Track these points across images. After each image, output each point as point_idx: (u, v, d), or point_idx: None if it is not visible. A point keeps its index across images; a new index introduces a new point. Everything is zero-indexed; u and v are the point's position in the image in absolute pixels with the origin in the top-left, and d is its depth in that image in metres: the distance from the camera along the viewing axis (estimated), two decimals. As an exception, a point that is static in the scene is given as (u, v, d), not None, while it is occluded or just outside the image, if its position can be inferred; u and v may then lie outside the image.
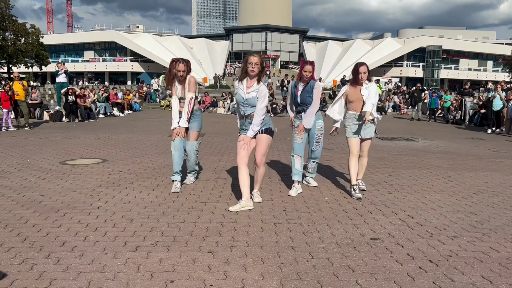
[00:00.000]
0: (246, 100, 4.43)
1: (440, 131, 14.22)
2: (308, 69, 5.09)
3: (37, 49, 50.10)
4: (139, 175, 6.02)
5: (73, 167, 6.61)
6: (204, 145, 9.27)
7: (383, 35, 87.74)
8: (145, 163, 7.04)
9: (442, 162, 7.60)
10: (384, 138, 11.13)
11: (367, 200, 4.80)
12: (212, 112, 21.81)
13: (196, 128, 5.44)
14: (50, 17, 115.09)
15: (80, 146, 8.84)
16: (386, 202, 4.74)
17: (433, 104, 18.36)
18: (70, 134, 11.07)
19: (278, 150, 8.62)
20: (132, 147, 8.87)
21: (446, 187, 5.59)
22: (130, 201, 4.66)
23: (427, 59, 60.78)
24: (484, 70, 67.69)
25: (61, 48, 68.48)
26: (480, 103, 16.31)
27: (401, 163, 7.40)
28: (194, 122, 5.38)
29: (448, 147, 9.91)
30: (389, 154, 8.49)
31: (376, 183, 5.73)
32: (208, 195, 4.91)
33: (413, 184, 5.74)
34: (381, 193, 5.18)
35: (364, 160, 5.35)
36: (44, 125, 13.34)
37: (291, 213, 4.23)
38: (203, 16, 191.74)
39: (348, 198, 4.87)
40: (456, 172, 6.71)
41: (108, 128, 12.67)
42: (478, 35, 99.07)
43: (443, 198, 5.01)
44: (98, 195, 4.90)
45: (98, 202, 4.60)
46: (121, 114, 18.20)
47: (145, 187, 5.31)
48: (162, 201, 4.66)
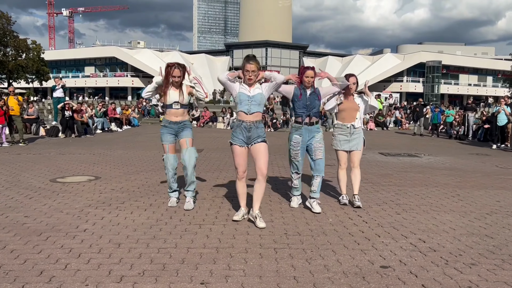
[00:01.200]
0: (253, 97, 4.30)
1: (444, 146, 13.93)
2: (310, 74, 4.81)
3: (38, 64, 50.28)
4: (131, 194, 5.71)
5: (63, 185, 6.31)
6: (202, 161, 8.96)
7: (383, 51, 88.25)
8: (140, 180, 6.73)
9: (449, 180, 7.28)
10: (388, 154, 10.83)
11: (374, 222, 4.48)
12: (212, 127, 21.57)
13: (190, 135, 5.10)
14: (52, 33, 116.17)
15: (74, 163, 8.55)
16: (395, 224, 4.41)
17: (436, 119, 18.11)
18: (64, 150, 10.78)
19: (278, 167, 8.31)
20: (127, 163, 8.57)
21: (457, 207, 5.27)
22: (119, 222, 4.34)
23: (427, 74, 60.90)
24: (484, 86, 67.81)
25: (62, 63, 68.75)
26: (484, 118, 16.07)
27: (407, 181, 7.09)
28: (186, 130, 5.06)
29: (454, 163, 9.60)
30: (393, 170, 8.18)
31: (382, 202, 5.41)
32: (203, 216, 4.59)
33: (422, 203, 5.42)
34: (389, 213, 4.86)
35: (356, 171, 5.27)
36: (40, 141, 13.07)
37: (293, 237, 3.90)
38: (204, 33, 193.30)
39: (354, 220, 4.55)
40: (465, 190, 6.39)
41: (105, 144, 12.39)
42: (477, 50, 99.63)
43: (455, 219, 4.69)
44: (86, 216, 4.59)
45: (85, 224, 4.28)
46: (119, 129, 17.95)
47: (137, 207, 5.00)
48: (153, 222, 4.34)
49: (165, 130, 5.06)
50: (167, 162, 5.07)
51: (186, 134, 5.05)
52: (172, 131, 5.06)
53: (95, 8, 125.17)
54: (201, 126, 21.66)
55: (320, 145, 4.91)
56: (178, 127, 5.05)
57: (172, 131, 5.06)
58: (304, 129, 4.87)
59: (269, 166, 4.71)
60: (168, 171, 5.09)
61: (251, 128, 4.30)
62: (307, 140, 4.89)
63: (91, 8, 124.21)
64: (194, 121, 22.44)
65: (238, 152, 4.36)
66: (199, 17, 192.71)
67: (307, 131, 4.88)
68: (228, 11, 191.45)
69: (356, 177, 5.28)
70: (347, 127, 5.31)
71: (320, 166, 4.92)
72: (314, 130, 4.90)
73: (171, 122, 5.03)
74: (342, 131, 5.32)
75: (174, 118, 5.02)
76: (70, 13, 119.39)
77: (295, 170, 4.98)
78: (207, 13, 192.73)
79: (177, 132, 5.07)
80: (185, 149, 5.01)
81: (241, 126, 4.31)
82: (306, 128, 4.87)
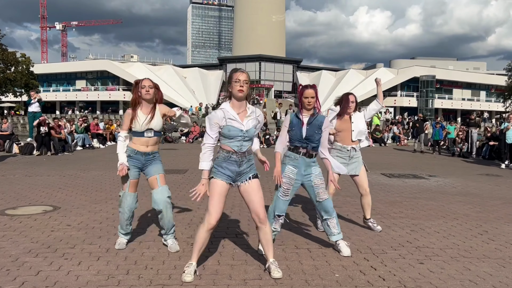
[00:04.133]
0: (246, 132, 3.28)
1: (449, 165, 12.98)
2: (309, 94, 3.82)
3: (27, 78, 49.23)
4: (89, 232, 4.64)
5: (11, 218, 5.22)
6: (184, 184, 7.91)
7: (376, 66, 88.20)
8: (105, 212, 5.65)
9: (467, 209, 6.28)
10: (391, 176, 9.84)
11: (394, 278, 3.43)
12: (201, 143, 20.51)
13: (161, 170, 4.08)
14: (44, 47, 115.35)
15: (37, 187, 7.45)
16: (421, 281, 3.37)
17: (437, 135, 17.20)
18: (33, 171, 9.67)
19: (271, 192, 7.26)
20: (98, 188, 7.49)
21: (490, 251, 4.25)
22: (57, 281, 3.26)
23: (421, 89, 60.54)
24: (478, 100, 67.66)
25: (53, 77, 67.68)
26: (489, 135, 15.19)
27: (420, 211, 6.08)
28: (156, 164, 4.05)
29: (465, 186, 8.62)
30: (401, 197, 7.17)
31: (398, 244, 4.37)
32: (171, 270, 3.52)
33: (446, 245, 4.39)
34: (409, 263, 3.82)
35: (367, 198, 4.92)
36: (10, 160, 11.93)
37: (288, 308, 2.85)
38: (198, 47, 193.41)
39: (367, 274, 3.50)
40: (491, 224, 5.38)
41: (81, 163, 11.29)
42: (468, 65, 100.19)
43: (495, 271, 3.67)
44: (18, 269, 3.50)
45: (10, 284, 3.20)
46: (102, 146, 16.84)
47: (89, 253, 3.92)
48: (103, 281, 3.26)
49: (131, 162, 4.00)
50: (124, 202, 4.03)
51: (157, 170, 4.03)
52: (138, 164, 4.02)
53: (89, 22, 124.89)
54: (190, 141, 20.60)
55: (321, 182, 3.92)
56: (146, 160, 4.02)
57: (138, 164, 4.02)
58: (301, 159, 3.88)
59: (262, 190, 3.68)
60: (124, 212, 4.03)
61: (243, 161, 3.32)
62: (304, 174, 3.89)
63: (85, 22, 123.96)
64: (182, 136, 21.39)
65: (219, 190, 3.32)
66: (193, 31, 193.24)
67: (304, 163, 3.88)
68: (222, 26, 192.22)
69: (369, 204, 4.95)
70: (347, 150, 4.76)
71: (329, 208, 3.93)
72: (311, 163, 3.91)
73: (138, 153, 3.99)
74: (341, 154, 4.77)
75: (143, 148, 4.00)
76: (63, 27, 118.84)
77: (278, 213, 3.91)
78: (201, 28, 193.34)
79: (143, 165, 4.03)
80: (156, 189, 3.99)
81: (229, 159, 3.32)
82: (304, 159, 3.88)
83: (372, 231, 4.84)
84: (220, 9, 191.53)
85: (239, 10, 78.01)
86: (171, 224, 4.04)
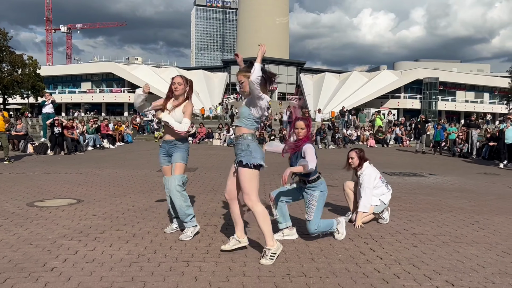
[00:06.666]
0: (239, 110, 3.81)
1: (449, 165, 13.38)
2: (299, 125, 4.12)
3: (34, 80, 49.85)
4: (114, 221, 5.10)
5: (40, 209, 5.69)
6: (195, 181, 8.37)
7: (379, 68, 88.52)
8: (126, 204, 6.12)
9: (463, 203, 6.71)
10: (392, 174, 10.26)
11: (390, 258, 3.88)
12: (208, 144, 20.99)
13: (180, 158, 4.39)
14: (50, 50, 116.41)
15: (58, 183, 7.93)
16: (414, 260, 3.82)
17: (438, 136, 17.60)
18: (50, 168, 10.16)
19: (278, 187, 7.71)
20: (115, 184, 7.96)
21: (479, 237, 4.68)
22: (95, 258, 3.72)
23: (424, 91, 60.84)
24: (481, 102, 67.86)
25: (59, 79, 68.48)
26: (488, 135, 15.58)
27: (418, 204, 6.51)
28: (177, 152, 4.41)
29: (463, 184, 9.04)
30: (401, 192, 7.60)
31: (396, 232, 4.81)
32: (193, 250, 3.98)
33: (439, 232, 4.83)
34: (405, 246, 4.26)
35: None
36: (27, 159, 12.44)
37: (297, 279, 3.30)
38: (202, 49, 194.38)
39: (367, 255, 3.95)
40: (483, 216, 5.81)
41: (94, 162, 11.78)
42: (472, 67, 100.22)
43: (481, 253, 4.10)
44: (57, 249, 3.97)
45: (54, 260, 3.67)
46: (112, 146, 17.35)
47: (118, 237, 4.38)
48: (134, 259, 3.72)
49: (160, 151, 4.56)
50: (165, 186, 4.50)
51: (176, 158, 4.40)
52: (164, 151, 4.52)
53: (93, 25, 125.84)
54: (196, 142, 21.09)
55: (311, 203, 4.20)
56: (169, 147, 4.47)
57: (164, 151, 4.52)
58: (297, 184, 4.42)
59: (267, 187, 4.14)
60: (167, 196, 4.51)
61: (234, 144, 3.80)
62: (303, 191, 4.35)
63: (89, 24, 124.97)
64: (190, 137, 21.88)
65: (231, 170, 3.91)
66: (197, 34, 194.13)
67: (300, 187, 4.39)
68: (226, 28, 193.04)
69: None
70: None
71: (311, 227, 4.19)
72: (307, 188, 4.29)
73: (163, 141, 4.51)
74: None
75: (166, 137, 4.50)
76: (68, 29, 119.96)
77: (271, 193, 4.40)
78: (205, 30, 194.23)
79: (168, 152, 4.49)
80: (169, 177, 4.42)
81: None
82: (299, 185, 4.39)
83: (372, 223, 5.27)
84: (224, 11, 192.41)
85: (243, 12, 78.66)
86: (182, 212, 4.28)
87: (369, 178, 4.99)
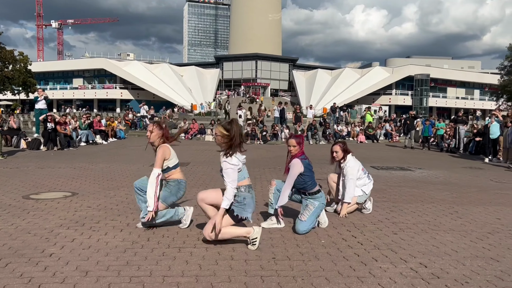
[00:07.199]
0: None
1: (436, 159, 13.71)
2: (291, 143, 4.38)
3: (25, 76, 49.51)
4: (108, 212, 5.30)
5: (36, 202, 5.86)
6: (188, 175, 8.56)
7: (371, 64, 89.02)
8: (119, 197, 6.31)
9: (445, 195, 6.99)
10: (380, 168, 10.54)
11: (370, 243, 4.13)
12: (200, 140, 21.16)
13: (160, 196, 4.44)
14: (40, 45, 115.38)
15: (52, 177, 8.09)
16: (392, 246, 4.07)
17: (427, 132, 17.95)
18: (44, 163, 10.30)
19: (268, 181, 7.94)
20: (108, 178, 8.14)
21: (456, 225, 4.95)
22: (91, 245, 3.92)
23: (416, 88, 61.40)
24: (472, 99, 68.59)
25: (50, 75, 68.01)
26: (475, 131, 15.94)
27: (402, 196, 6.78)
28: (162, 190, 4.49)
29: (448, 177, 9.33)
30: (386, 185, 7.87)
31: (378, 221, 5.07)
32: (184, 238, 4.20)
33: (419, 221, 5.09)
34: (385, 233, 4.51)
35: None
36: (20, 154, 12.54)
37: (282, 262, 3.53)
38: (194, 45, 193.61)
39: (348, 241, 4.19)
40: (463, 206, 6.09)
41: (87, 157, 11.92)
42: (463, 64, 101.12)
43: (456, 239, 4.37)
44: (55, 237, 4.16)
45: (52, 247, 3.86)
46: (104, 142, 17.46)
47: (112, 227, 4.59)
48: (128, 245, 3.93)
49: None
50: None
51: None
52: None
53: (85, 20, 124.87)
54: (189, 138, 21.24)
55: (311, 207, 4.41)
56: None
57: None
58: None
59: (258, 180, 4.38)
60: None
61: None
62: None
63: (81, 20, 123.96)
64: (183, 134, 22.03)
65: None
66: (189, 30, 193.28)
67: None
68: (219, 25, 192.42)
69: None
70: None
71: (298, 228, 4.36)
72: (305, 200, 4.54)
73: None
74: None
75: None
76: (59, 25, 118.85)
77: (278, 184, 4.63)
78: (197, 26, 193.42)
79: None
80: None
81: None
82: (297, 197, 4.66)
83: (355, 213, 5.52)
84: (216, 7, 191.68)
85: (235, 8, 78.50)
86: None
87: (352, 169, 5.22)
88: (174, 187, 4.51)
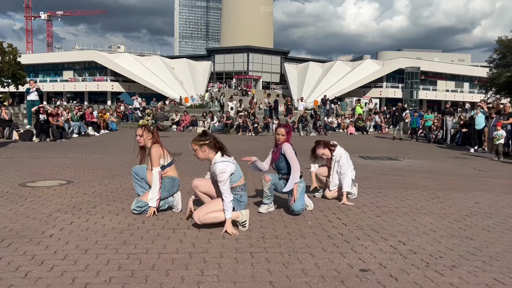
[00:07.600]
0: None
1: (423, 150, 14.05)
2: (280, 132, 4.67)
3: (14, 68, 49.01)
4: (104, 198, 5.48)
5: (32, 189, 6.02)
6: (180, 165, 8.75)
7: (363, 57, 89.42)
8: (114, 184, 6.49)
9: (428, 182, 7.28)
10: (368, 158, 10.82)
11: (354, 224, 4.38)
12: (192, 131, 21.31)
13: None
14: (29, 37, 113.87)
15: (46, 167, 8.23)
16: (374, 226, 4.32)
17: (415, 123, 18.30)
18: (38, 154, 10.41)
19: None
20: (102, 167, 8.30)
21: (436, 209, 5.23)
22: (89, 227, 4.12)
23: (406, 80, 61.96)
24: (461, 91, 69.35)
25: (40, 67, 67.34)
26: (462, 122, 16.30)
27: (387, 183, 7.05)
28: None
29: (433, 166, 9.64)
30: (373, 173, 8.14)
31: (362, 205, 5.32)
32: (178, 220, 4.41)
33: (401, 205, 5.35)
34: (368, 216, 4.77)
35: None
36: (12, 145, 12.61)
37: (270, 240, 3.77)
38: (186, 38, 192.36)
39: (334, 222, 4.44)
40: (444, 192, 6.37)
41: (80, 148, 12.04)
42: (453, 57, 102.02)
43: (435, 221, 4.63)
44: (53, 221, 4.35)
45: (52, 229, 4.05)
46: (97, 133, 17.54)
47: (108, 211, 4.78)
48: (125, 227, 4.13)
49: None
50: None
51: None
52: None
53: (75, 12, 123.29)
54: (181, 130, 21.38)
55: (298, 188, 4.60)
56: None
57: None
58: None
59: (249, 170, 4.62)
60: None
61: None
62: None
63: (70, 11, 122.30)
64: (174, 125, 22.15)
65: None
66: (180, 22, 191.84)
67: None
68: (210, 17, 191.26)
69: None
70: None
71: (295, 207, 4.60)
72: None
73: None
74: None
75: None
76: (48, 16, 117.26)
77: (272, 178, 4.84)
78: (188, 18, 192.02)
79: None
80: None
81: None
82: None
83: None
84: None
85: (226, 0, 78.24)
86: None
87: (347, 160, 5.50)
88: (168, 184, 4.75)
